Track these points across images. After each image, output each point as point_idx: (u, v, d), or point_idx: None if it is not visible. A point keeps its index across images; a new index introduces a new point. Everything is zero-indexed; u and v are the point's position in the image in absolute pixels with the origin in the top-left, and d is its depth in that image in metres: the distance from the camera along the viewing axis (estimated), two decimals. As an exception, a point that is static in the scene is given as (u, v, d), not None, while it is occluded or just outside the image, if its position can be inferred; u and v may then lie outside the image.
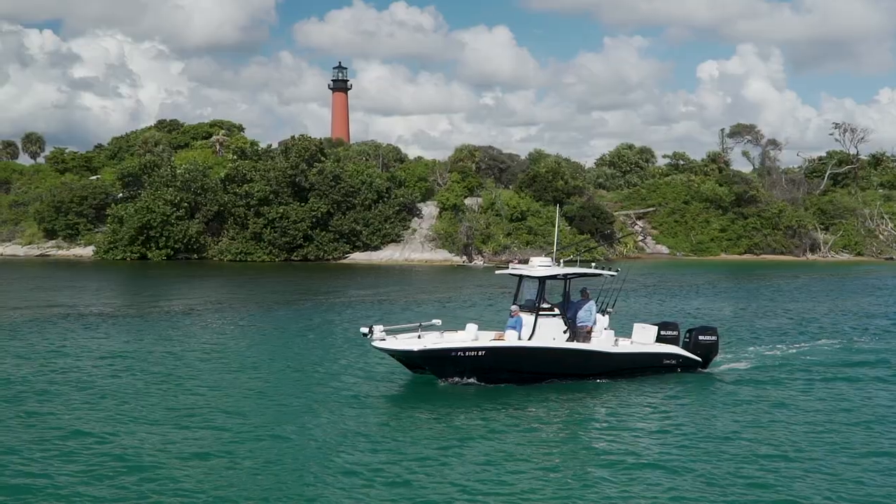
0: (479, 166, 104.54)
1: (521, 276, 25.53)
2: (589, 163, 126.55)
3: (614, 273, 26.04)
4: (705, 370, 26.69)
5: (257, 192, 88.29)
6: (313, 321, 38.58)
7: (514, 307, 24.95)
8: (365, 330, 23.59)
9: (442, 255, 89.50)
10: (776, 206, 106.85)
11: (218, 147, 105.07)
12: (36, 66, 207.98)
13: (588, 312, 25.33)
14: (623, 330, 27.91)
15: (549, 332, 24.34)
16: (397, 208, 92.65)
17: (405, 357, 23.72)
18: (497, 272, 27.75)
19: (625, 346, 26.10)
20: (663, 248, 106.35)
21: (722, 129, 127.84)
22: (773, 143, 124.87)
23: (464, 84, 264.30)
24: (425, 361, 23.58)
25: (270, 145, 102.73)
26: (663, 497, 15.30)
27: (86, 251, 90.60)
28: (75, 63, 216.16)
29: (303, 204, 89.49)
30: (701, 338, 26.68)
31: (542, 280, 24.55)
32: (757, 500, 15.27)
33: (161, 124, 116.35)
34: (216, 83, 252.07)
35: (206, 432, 18.96)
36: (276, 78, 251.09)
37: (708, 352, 26.79)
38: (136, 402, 21.79)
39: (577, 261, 26.73)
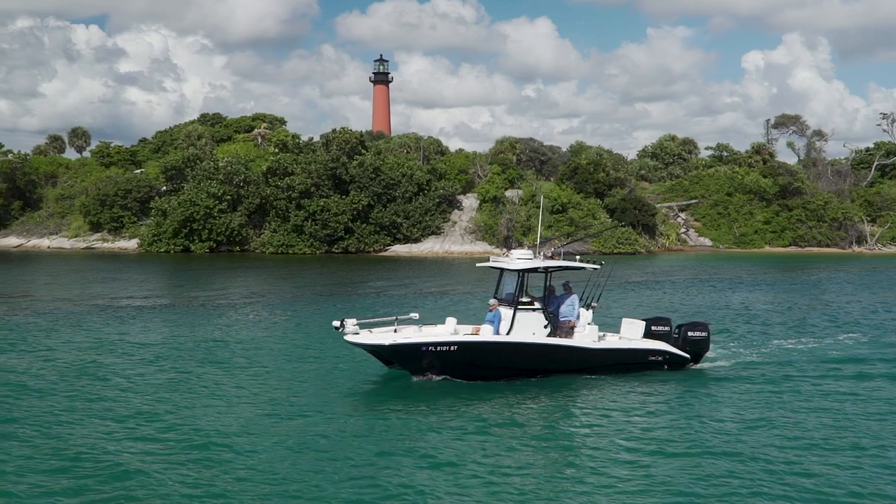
0: (520, 158, 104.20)
1: (501, 270, 24.63)
2: (631, 154, 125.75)
3: (597, 266, 24.87)
4: (696, 367, 25.57)
5: (298, 184, 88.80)
6: (346, 314, 38.64)
7: (492, 301, 24.07)
8: (337, 323, 22.83)
9: (482, 248, 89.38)
10: (821, 198, 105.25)
11: (260, 140, 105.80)
12: (82, 61, 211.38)
13: (570, 307, 24.40)
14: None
15: (528, 327, 23.45)
16: (437, 200, 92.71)
17: (376, 352, 22.96)
18: (478, 265, 26.58)
19: (610, 341, 25.04)
20: (706, 241, 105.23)
21: (767, 120, 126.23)
22: (819, 134, 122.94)
23: (505, 76, 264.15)
24: (395, 356, 22.79)
25: (311, 138, 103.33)
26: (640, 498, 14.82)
27: (130, 244, 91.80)
28: (121, 58, 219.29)
29: (344, 196, 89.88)
30: (690, 333, 25.45)
31: (521, 273, 23.71)
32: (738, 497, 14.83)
33: (204, 118, 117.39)
34: (258, 77, 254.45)
35: (216, 423, 19.12)
36: (318, 71, 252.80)
37: (698, 348, 25.57)
38: (162, 392, 22.04)
39: (560, 251, 25.34)
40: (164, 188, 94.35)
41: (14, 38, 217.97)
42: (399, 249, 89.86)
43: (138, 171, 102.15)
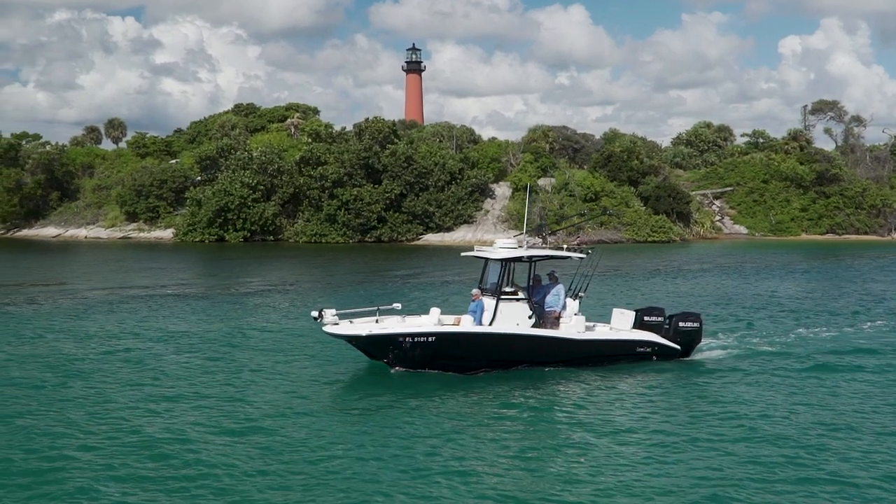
0: (553, 146, 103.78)
1: (486, 259, 23.97)
2: (665, 142, 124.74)
3: (583, 255, 24.17)
4: (687, 358, 24.83)
5: (331, 174, 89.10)
6: (373, 302, 38.75)
7: (474, 291, 23.52)
8: (315, 314, 22.34)
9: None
10: (860, 185, 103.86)
11: (293, 130, 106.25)
12: (119, 53, 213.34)
13: (556, 297, 23.74)
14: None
15: (511, 318, 22.84)
16: (470, 189, 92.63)
17: (353, 343, 22.47)
18: (462, 254, 26.00)
19: (598, 332, 24.32)
20: (741, 229, 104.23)
21: (804, 106, 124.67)
22: (857, 120, 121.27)
23: (539, 64, 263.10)
24: (372, 347, 22.26)
25: (344, 128, 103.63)
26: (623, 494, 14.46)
27: (166, 233, 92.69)
28: (156, 49, 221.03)
29: (376, 186, 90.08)
30: (681, 324, 24.73)
31: (504, 262, 23.10)
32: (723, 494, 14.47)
33: (238, 108, 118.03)
34: (292, 67, 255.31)
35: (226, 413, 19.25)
36: (352, 61, 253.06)
37: (689, 339, 24.85)
38: (186, 381, 22.19)
39: (545, 238, 24.70)
40: (199, 178, 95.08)
41: (52, 31, 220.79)
42: (431, 238, 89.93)
43: (173, 161, 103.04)
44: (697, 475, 15.31)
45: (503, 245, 23.77)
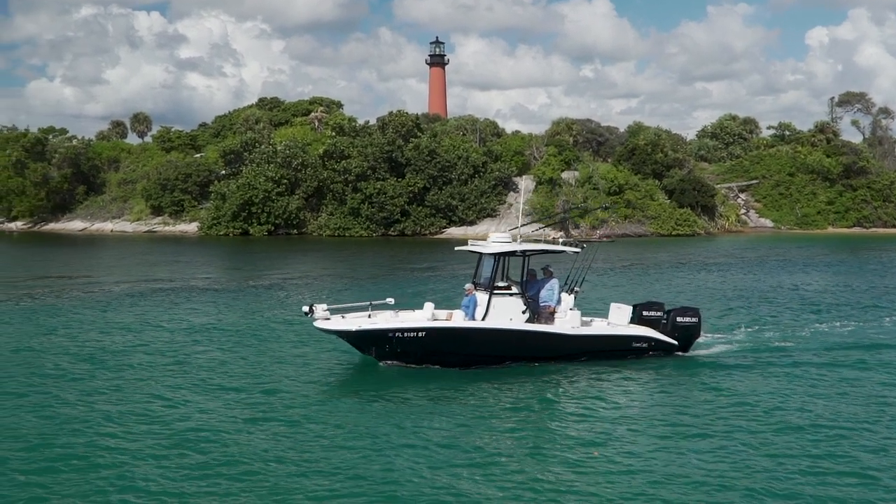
0: (577, 140, 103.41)
1: (480, 254, 23.68)
2: (690, 135, 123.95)
3: (578, 249, 23.76)
4: (686, 354, 24.40)
5: (355, 167, 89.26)
6: (394, 294, 38.85)
7: (468, 286, 23.34)
8: (306, 309, 22.11)
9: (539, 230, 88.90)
10: (888, 177, 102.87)
11: (317, 124, 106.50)
12: (144, 47, 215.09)
13: (550, 292, 23.47)
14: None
15: (505, 313, 22.52)
16: (493, 183, 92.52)
17: (344, 338, 22.40)
18: (456, 248, 25.63)
19: (594, 327, 23.98)
20: (767, 222, 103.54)
21: (831, 98, 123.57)
22: (886, 112, 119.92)
23: (563, 57, 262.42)
24: (361, 343, 22.21)
25: (368, 121, 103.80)
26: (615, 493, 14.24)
27: (190, 227, 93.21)
28: (181, 44, 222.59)
29: (399, 179, 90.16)
30: (679, 319, 24.27)
31: (497, 257, 22.91)
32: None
33: (262, 102, 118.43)
34: (316, 61, 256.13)
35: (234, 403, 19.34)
36: (375, 54, 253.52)
37: (688, 334, 24.39)
38: (210, 372, 22.35)
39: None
40: (223, 172, 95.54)
41: (79, 27, 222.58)
42: (455, 232, 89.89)
43: (198, 155, 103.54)
44: (709, 467, 15.25)
45: (496, 239, 23.51)
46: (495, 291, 22.60)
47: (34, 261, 58.72)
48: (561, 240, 24.93)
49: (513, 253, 23.11)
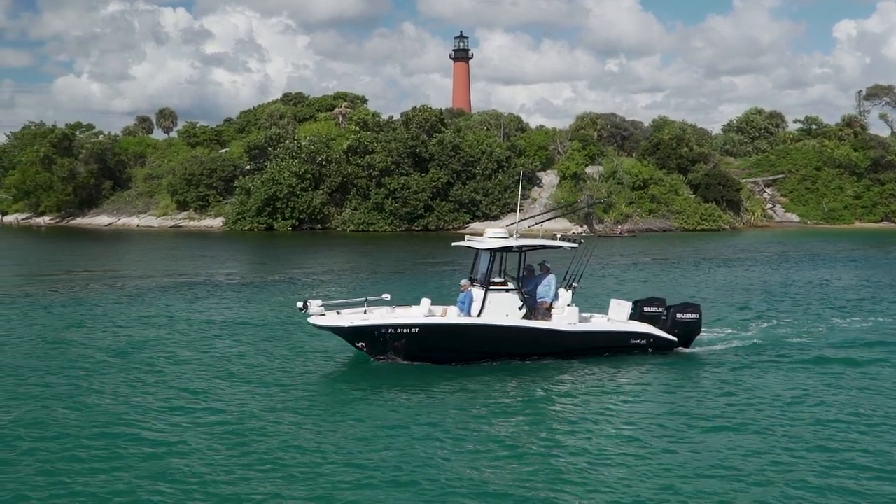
0: (601, 134, 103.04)
1: (477, 250, 23.49)
2: (716, 129, 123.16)
3: (576, 245, 23.52)
4: (686, 350, 24.08)
5: (379, 162, 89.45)
6: (413, 290, 38.93)
7: (463, 282, 23.21)
8: (300, 304, 22.00)
9: (562, 225, 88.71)
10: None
11: (341, 119, 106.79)
12: (170, 43, 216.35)
13: (547, 287, 23.17)
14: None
15: (500, 308, 22.30)
16: (517, 177, 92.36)
17: (338, 333, 22.29)
18: (453, 244, 25.62)
19: (592, 324, 23.58)
20: (793, 217, 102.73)
21: (859, 92, 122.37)
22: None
23: (588, 51, 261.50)
24: (354, 338, 22.06)
25: (392, 117, 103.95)
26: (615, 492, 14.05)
27: (215, 222, 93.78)
28: (207, 40, 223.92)
29: (423, 174, 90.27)
30: (679, 315, 23.96)
31: (493, 252, 22.69)
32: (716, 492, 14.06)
33: (286, 97, 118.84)
34: (341, 56, 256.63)
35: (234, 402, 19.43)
36: (399, 49, 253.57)
37: (688, 331, 24.09)
38: (237, 366, 22.45)
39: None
40: (248, 167, 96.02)
41: (105, 23, 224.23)
42: (478, 227, 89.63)
43: (223, 150, 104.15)
44: (707, 462, 15.18)
45: (493, 235, 23.43)
46: (491, 287, 22.46)
47: (62, 255, 59.33)
48: (558, 235, 24.64)
49: (509, 248, 22.92)
